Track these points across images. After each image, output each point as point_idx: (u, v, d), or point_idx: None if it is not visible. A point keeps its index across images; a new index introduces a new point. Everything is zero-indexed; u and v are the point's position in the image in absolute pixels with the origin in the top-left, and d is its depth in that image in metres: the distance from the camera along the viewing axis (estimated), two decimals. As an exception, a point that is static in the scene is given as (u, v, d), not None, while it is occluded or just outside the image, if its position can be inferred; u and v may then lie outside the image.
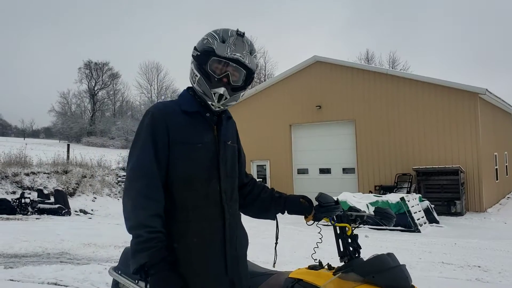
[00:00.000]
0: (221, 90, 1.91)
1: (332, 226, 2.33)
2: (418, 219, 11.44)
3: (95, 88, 63.85)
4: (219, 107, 1.96)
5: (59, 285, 5.34)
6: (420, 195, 13.06)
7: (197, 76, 1.95)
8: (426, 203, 12.62)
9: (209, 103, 1.95)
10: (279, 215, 2.32)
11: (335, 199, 2.28)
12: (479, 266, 6.78)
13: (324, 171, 18.14)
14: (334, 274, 2.24)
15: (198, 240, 1.87)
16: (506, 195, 19.81)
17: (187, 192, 1.88)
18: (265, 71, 52.95)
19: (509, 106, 20.42)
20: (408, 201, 11.50)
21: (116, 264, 2.65)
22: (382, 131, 16.44)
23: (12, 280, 5.55)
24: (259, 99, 19.32)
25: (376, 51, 62.68)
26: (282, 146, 18.59)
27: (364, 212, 2.47)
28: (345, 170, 17.66)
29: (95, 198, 17.00)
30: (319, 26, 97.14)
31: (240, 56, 1.92)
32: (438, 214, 12.94)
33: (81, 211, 15.54)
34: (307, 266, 2.48)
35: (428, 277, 6.01)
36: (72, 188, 16.82)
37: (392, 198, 11.80)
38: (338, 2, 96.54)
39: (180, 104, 1.98)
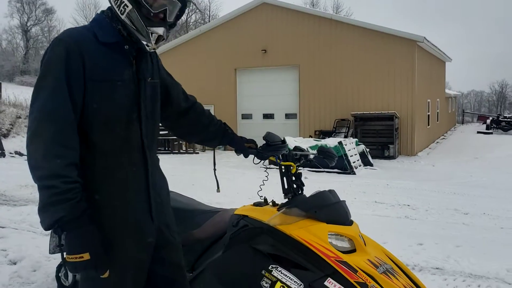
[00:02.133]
0: (161, 30, 1.64)
1: (276, 166, 2.40)
2: (354, 162, 11.99)
3: (28, 24, 59.10)
4: (154, 49, 1.70)
5: (-5, 227, 5.17)
6: (356, 139, 13.57)
7: (127, 6, 1.61)
8: (362, 147, 13.16)
9: (144, 43, 1.65)
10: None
11: (282, 139, 2.33)
12: (408, 205, 7.28)
13: (268, 116, 18.31)
14: (278, 210, 2.33)
15: (121, 188, 1.68)
16: (435, 140, 21.10)
17: (106, 136, 1.65)
18: (209, 11, 51.25)
19: (444, 55, 21.31)
20: (345, 145, 11.95)
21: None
22: (324, 77, 16.66)
23: None
24: (203, 41, 18.79)
25: (321, -5, 62.32)
26: (227, 90, 18.43)
27: (308, 151, 2.56)
28: (287, 116, 17.92)
29: (30, 140, 16.20)
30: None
31: None
32: (372, 158, 13.58)
33: (16, 153, 14.84)
34: (252, 203, 2.57)
35: (362, 215, 6.38)
36: (6, 129, 15.94)
37: (331, 142, 12.20)
38: None
39: (96, 32, 1.65)
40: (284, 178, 2.36)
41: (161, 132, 2.33)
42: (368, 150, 13.46)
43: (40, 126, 1.53)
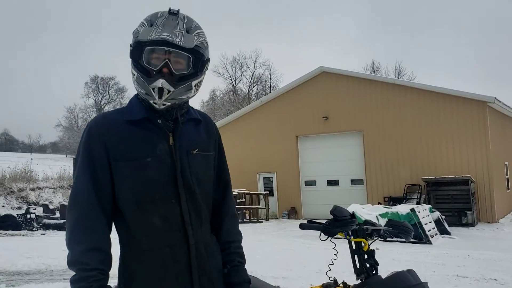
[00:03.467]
0: (159, 82, 1.55)
1: (347, 241, 2.18)
2: (429, 230, 11.21)
3: (102, 103, 64.32)
4: (163, 104, 1.59)
5: (61, 303, 5.19)
6: (430, 206, 12.82)
7: (134, 75, 1.62)
8: (437, 214, 12.38)
9: (151, 102, 1.59)
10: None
11: (351, 213, 2.13)
12: (495, 279, 6.55)
13: (332, 182, 17.93)
14: (350, 293, 2.09)
15: (159, 270, 1.59)
16: (518, 205, 19.44)
17: (140, 215, 1.60)
18: (270, 83, 53.01)
19: (519, 114, 20.15)
20: (419, 212, 11.27)
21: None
22: (390, 141, 16.26)
23: (14, 298, 5.40)
24: (265, 111, 19.22)
25: (382, 61, 62.66)
26: (289, 158, 18.43)
27: (381, 226, 2.32)
28: (353, 182, 17.44)
29: (101, 212, 16.88)
30: (326, 39, 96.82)
31: (168, 36, 1.54)
32: (449, 225, 12.69)
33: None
34: (320, 285, 2.34)
35: (443, 291, 5.80)
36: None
37: (402, 209, 11.59)
38: (347, 17, 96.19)
39: (124, 113, 1.68)
40: (356, 256, 2.12)
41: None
42: (443, 217, 12.61)
43: (68, 212, 1.60)
